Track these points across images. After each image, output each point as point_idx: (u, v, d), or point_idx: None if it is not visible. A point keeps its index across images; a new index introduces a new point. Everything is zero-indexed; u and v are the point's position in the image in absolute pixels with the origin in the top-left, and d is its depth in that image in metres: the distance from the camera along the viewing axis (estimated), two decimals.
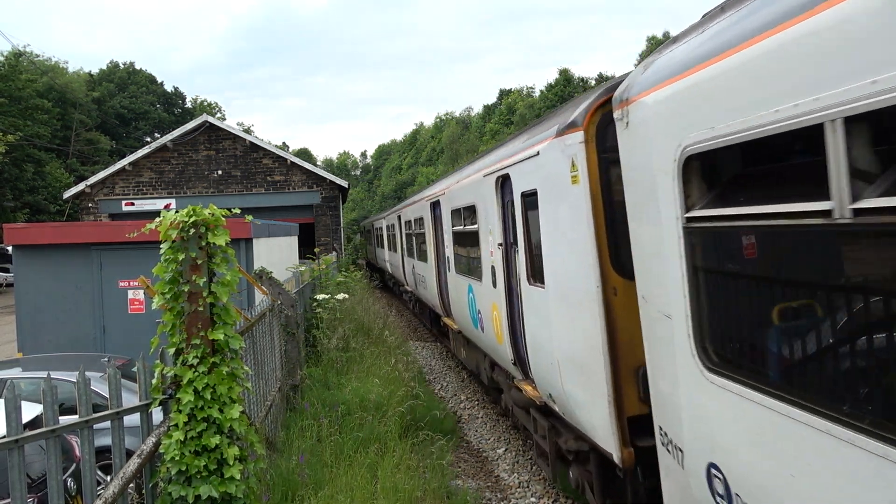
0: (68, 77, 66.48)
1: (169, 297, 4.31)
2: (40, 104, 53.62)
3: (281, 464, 6.11)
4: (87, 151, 61.18)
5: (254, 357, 6.37)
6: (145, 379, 4.22)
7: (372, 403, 8.07)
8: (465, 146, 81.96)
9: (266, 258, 12.65)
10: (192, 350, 4.27)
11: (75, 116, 60.59)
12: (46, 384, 3.48)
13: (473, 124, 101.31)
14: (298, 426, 7.27)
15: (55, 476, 3.46)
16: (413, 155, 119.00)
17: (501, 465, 8.26)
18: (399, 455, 6.80)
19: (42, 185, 51.24)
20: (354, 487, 5.84)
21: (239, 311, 4.84)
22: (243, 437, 4.46)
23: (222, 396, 4.27)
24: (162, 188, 26.55)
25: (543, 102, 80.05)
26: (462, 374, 13.30)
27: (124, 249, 11.36)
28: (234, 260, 4.54)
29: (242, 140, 27.35)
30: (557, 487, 7.31)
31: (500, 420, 10.02)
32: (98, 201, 26.19)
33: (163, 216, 4.34)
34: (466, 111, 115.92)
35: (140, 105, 73.21)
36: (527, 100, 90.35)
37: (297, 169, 27.34)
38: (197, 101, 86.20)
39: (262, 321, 7.11)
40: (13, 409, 3.28)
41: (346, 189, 30.06)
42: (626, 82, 4.20)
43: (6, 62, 51.78)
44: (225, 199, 25.20)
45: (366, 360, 10.45)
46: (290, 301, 9.01)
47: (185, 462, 4.10)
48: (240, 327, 5.29)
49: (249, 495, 4.43)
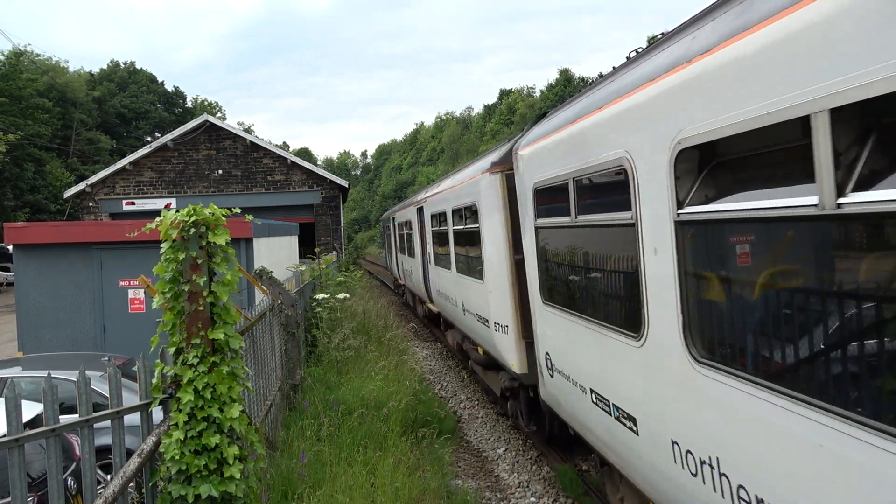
0: (69, 76, 66.49)
1: (169, 296, 4.31)
2: (41, 103, 53.65)
3: (281, 463, 6.11)
4: (87, 151, 61.18)
5: (254, 356, 6.37)
6: (145, 378, 4.22)
7: (372, 403, 8.07)
8: (466, 146, 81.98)
9: (266, 258, 12.65)
10: (193, 349, 4.27)
11: (76, 116, 60.59)
12: (47, 383, 3.48)
13: (474, 124, 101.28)
14: (298, 426, 7.27)
15: (55, 475, 3.46)
16: (413, 155, 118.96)
17: (501, 465, 8.26)
18: (399, 454, 6.80)
19: (42, 184, 51.26)
20: (354, 487, 5.84)
21: (239, 311, 4.84)
22: (243, 437, 4.46)
23: (222, 396, 4.27)
24: (162, 188, 26.56)
25: (544, 102, 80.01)
26: (462, 374, 13.30)
27: (125, 249, 11.37)
28: (234, 259, 4.54)
29: (243, 140, 27.35)
30: (557, 487, 7.32)
31: (500, 420, 10.02)
32: (98, 201, 26.20)
33: (163, 216, 4.34)
34: (467, 111, 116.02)
35: (140, 104, 73.21)
36: (527, 100, 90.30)
37: (298, 168, 27.34)
38: (197, 101, 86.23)
39: (263, 321, 7.11)
40: (13, 408, 3.28)
41: (347, 189, 30.07)
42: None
43: (7, 61, 51.82)
44: (225, 199, 25.22)
45: (366, 360, 10.45)
46: (290, 301, 9.01)
47: (186, 461, 4.10)
48: (240, 327, 5.29)
49: (249, 495, 4.43)
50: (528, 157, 6.26)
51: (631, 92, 3.98)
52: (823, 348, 2.56)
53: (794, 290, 2.73)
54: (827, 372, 2.54)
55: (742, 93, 2.74)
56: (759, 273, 2.90)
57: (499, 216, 7.63)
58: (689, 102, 3.23)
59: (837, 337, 2.45)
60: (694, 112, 3.17)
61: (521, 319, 7.41)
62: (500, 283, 7.69)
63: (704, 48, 3.11)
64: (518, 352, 7.48)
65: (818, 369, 2.58)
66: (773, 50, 2.53)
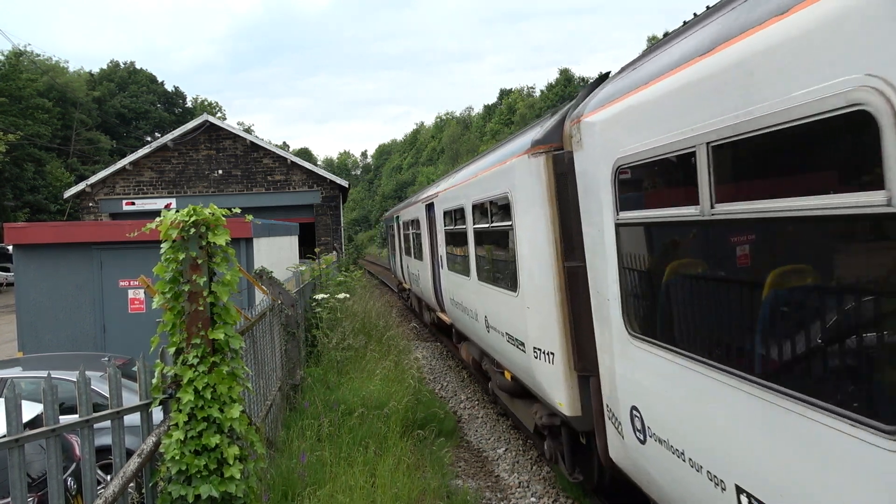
0: (69, 76, 66.51)
1: (169, 296, 4.31)
2: (41, 103, 53.67)
3: (281, 463, 6.11)
4: (87, 151, 61.19)
5: (254, 357, 6.37)
6: (145, 378, 4.22)
7: (372, 403, 8.07)
8: (466, 146, 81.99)
9: (266, 258, 12.66)
10: (193, 349, 4.27)
11: (76, 116, 60.60)
12: (47, 383, 3.48)
13: (474, 124, 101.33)
14: (298, 426, 7.27)
15: (55, 475, 3.45)
16: (413, 155, 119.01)
17: (501, 465, 8.26)
18: (399, 454, 6.80)
19: (42, 184, 51.27)
20: (354, 487, 5.84)
21: (239, 311, 4.84)
22: (243, 437, 4.46)
23: (222, 396, 4.27)
24: (162, 188, 26.55)
25: (544, 102, 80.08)
26: (462, 374, 13.30)
27: (125, 249, 11.37)
28: (234, 259, 4.54)
29: (243, 140, 27.35)
30: (558, 487, 7.31)
31: (500, 420, 10.02)
32: (98, 201, 26.19)
33: (163, 216, 4.34)
34: (467, 111, 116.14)
35: (140, 104, 73.23)
36: (527, 100, 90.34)
37: (298, 168, 27.34)
38: (197, 101, 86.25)
39: (263, 321, 7.11)
40: (13, 408, 3.28)
41: (347, 189, 30.05)
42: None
43: (7, 62, 51.82)
44: (225, 199, 25.22)
45: (366, 359, 10.45)
46: (290, 301, 9.01)
47: (186, 461, 4.10)
48: (240, 327, 5.29)
49: (249, 495, 4.43)
50: (604, 124, 4.50)
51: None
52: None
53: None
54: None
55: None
56: None
57: (542, 211, 5.90)
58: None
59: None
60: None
61: (574, 346, 5.69)
62: (543, 298, 5.98)
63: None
64: (568, 388, 5.76)
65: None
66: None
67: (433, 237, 13.02)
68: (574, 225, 5.39)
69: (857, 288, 2.57)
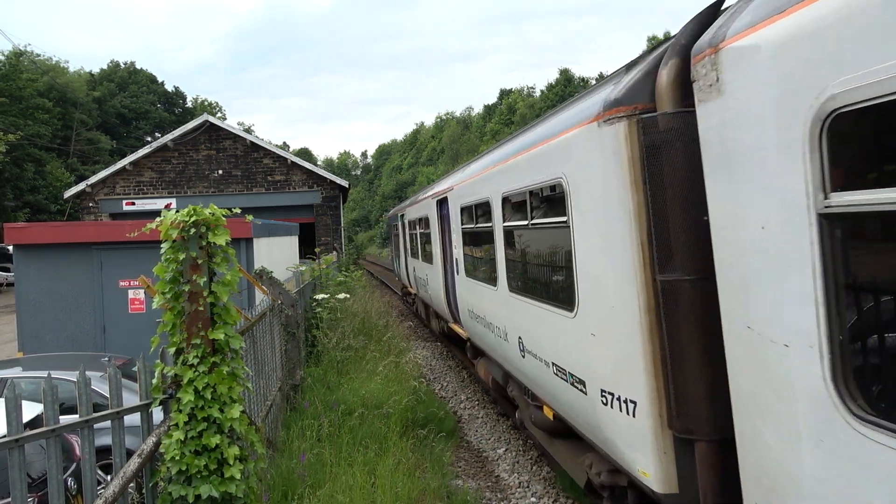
0: (69, 77, 66.52)
1: (169, 296, 4.31)
2: (41, 104, 53.68)
3: (281, 463, 6.12)
4: (87, 151, 61.20)
5: (254, 357, 6.37)
6: (145, 378, 4.22)
7: (372, 403, 8.07)
8: (466, 146, 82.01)
9: (266, 258, 12.66)
10: (193, 350, 4.27)
11: (76, 116, 60.61)
12: (47, 384, 3.48)
13: (474, 124, 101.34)
14: (299, 426, 7.28)
15: (55, 475, 3.45)
16: (413, 155, 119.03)
17: (501, 465, 8.25)
18: (399, 454, 6.80)
19: (43, 184, 51.28)
20: (354, 487, 5.84)
21: (239, 311, 4.84)
22: (243, 437, 4.46)
23: (223, 396, 4.27)
24: (162, 188, 26.56)
25: (544, 102, 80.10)
26: (462, 374, 13.30)
27: (125, 249, 11.37)
28: (234, 260, 4.54)
29: (243, 140, 27.36)
30: (558, 487, 7.31)
31: (500, 420, 10.02)
32: (99, 201, 26.20)
33: (163, 216, 4.34)
34: (467, 111, 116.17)
35: (141, 105, 73.25)
36: (527, 100, 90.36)
37: (298, 169, 27.34)
38: (198, 101, 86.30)
39: (263, 321, 7.11)
40: (14, 408, 3.28)
41: (347, 189, 30.06)
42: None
43: (7, 62, 51.82)
44: (225, 199, 25.23)
45: (366, 359, 10.45)
46: (290, 301, 9.01)
47: (186, 462, 4.10)
48: (240, 327, 5.29)
49: (249, 495, 4.43)
50: (793, 43, 2.66)
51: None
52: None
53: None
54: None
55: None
56: None
57: (620, 201, 4.17)
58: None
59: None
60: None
61: (672, 394, 3.95)
62: (620, 323, 4.29)
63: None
64: (658, 453, 4.05)
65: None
66: None
67: (446, 237, 11.48)
68: (675, 220, 3.87)
69: None
